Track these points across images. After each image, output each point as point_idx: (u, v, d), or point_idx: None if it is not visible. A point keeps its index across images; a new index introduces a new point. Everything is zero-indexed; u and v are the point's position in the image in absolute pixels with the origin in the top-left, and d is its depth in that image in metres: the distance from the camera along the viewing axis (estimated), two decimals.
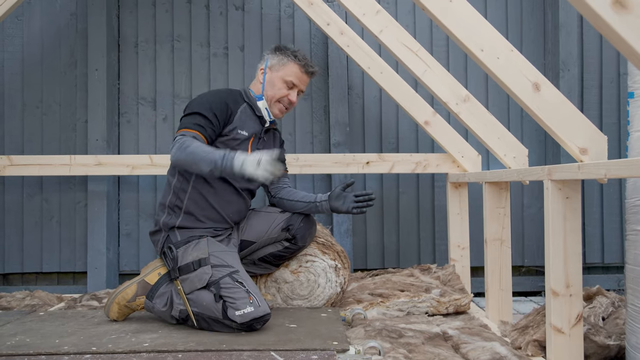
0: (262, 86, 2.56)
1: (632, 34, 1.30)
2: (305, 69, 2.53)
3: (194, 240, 2.39)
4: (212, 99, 2.43)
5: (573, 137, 1.96)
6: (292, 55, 2.53)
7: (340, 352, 2.00)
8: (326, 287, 2.75)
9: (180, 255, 2.36)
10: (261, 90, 2.56)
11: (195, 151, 2.20)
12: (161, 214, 2.50)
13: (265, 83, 2.55)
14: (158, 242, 2.49)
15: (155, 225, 2.52)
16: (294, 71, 2.53)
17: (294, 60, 2.52)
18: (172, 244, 2.40)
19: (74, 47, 4.01)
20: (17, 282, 4.01)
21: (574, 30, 3.91)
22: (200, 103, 2.40)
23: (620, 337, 2.27)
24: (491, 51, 2.10)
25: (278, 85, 2.53)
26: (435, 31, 4.05)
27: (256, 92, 2.59)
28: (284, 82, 2.52)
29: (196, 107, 2.38)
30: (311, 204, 2.63)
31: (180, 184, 2.48)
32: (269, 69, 2.55)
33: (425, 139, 4.01)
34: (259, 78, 2.58)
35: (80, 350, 2.00)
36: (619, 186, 3.96)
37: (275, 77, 2.54)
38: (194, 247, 2.37)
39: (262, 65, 2.59)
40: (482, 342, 2.14)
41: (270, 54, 2.58)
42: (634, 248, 2.04)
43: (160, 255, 2.48)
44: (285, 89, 2.53)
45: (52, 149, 3.96)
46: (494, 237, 2.76)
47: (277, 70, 2.54)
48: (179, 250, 2.37)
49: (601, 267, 4.03)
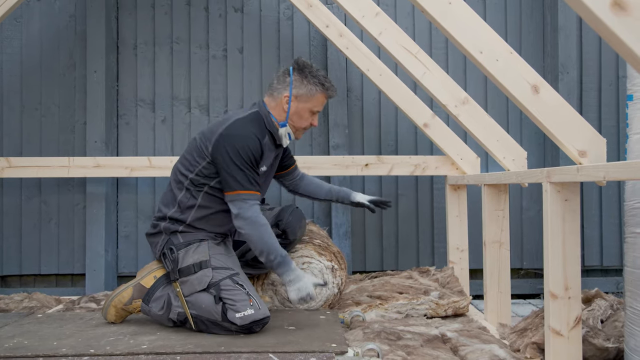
0: (286, 114, 2.43)
1: (631, 36, 1.30)
2: (331, 95, 2.47)
3: (195, 243, 2.39)
4: (252, 146, 2.32)
5: (572, 140, 1.96)
6: (321, 85, 2.39)
7: (338, 354, 1.99)
8: (323, 288, 2.75)
9: (181, 257, 2.35)
10: (285, 117, 2.44)
11: (268, 242, 2.27)
12: (162, 221, 2.46)
13: (290, 112, 2.42)
14: (157, 244, 2.47)
15: (154, 228, 2.49)
16: (321, 101, 2.44)
17: (323, 91, 2.41)
18: (173, 246, 2.39)
19: (73, 49, 4.01)
20: (15, 284, 4.01)
21: (573, 33, 3.91)
22: (245, 153, 2.30)
23: (619, 339, 2.26)
24: (490, 53, 2.10)
25: (305, 116, 2.44)
26: (435, 33, 4.05)
27: (278, 118, 2.45)
28: (312, 112, 2.45)
29: (243, 159, 2.30)
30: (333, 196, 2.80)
31: (187, 200, 2.42)
32: (295, 97, 2.40)
33: (424, 141, 4.01)
34: (283, 105, 2.42)
35: (78, 353, 1.99)
36: (618, 189, 3.96)
37: (302, 108, 2.42)
38: (195, 249, 2.36)
39: (286, 90, 2.41)
40: (481, 344, 2.13)
41: (297, 78, 2.40)
42: (633, 251, 2.04)
43: (159, 257, 2.47)
44: (311, 116, 2.46)
45: (50, 150, 3.96)
46: (492, 240, 2.75)
47: (305, 102, 2.41)
48: (180, 253, 2.36)
49: (600, 270, 4.03)
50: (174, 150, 4.02)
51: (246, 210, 2.28)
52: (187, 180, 2.40)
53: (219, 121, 2.46)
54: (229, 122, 2.38)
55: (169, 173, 3.58)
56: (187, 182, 2.40)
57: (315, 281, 2.32)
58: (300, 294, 2.27)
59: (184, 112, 4.05)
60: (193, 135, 2.56)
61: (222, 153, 2.30)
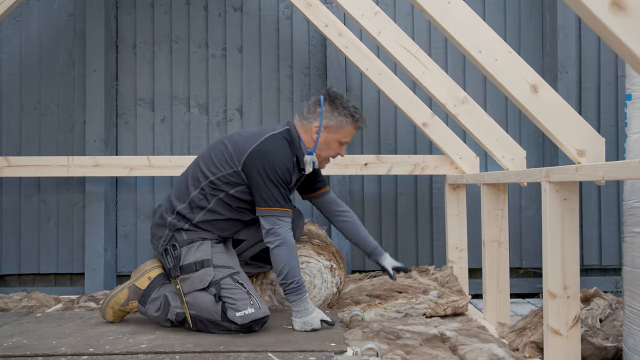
0: (314, 144, 2.43)
1: (630, 35, 1.30)
2: (360, 127, 2.46)
3: (197, 241, 2.39)
4: (287, 163, 2.34)
5: (571, 139, 1.96)
6: (351, 116, 2.39)
7: (337, 354, 1.99)
8: (322, 287, 2.76)
9: (183, 254, 2.35)
10: (313, 147, 2.44)
11: (292, 263, 2.28)
12: (169, 214, 2.46)
13: (319, 142, 2.43)
14: (160, 238, 2.46)
15: (161, 219, 2.48)
16: (350, 132, 2.44)
17: (353, 123, 2.40)
18: (176, 242, 2.39)
19: (72, 48, 4.00)
20: (14, 283, 4.00)
21: (572, 33, 3.92)
22: (281, 170, 2.31)
23: (618, 339, 2.27)
24: (489, 53, 2.10)
25: (333, 147, 2.44)
26: (434, 33, 4.05)
27: (307, 145, 2.44)
28: (340, 143, 2.45)
29: (279, 175, 2.31)
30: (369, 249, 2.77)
31: (198, 200, 2.42)
32: (324, 128, 2.40)
33: (424, 141, 4.01)
34: (313, 135, 2.42)
35: (77, 352, 1.99)
36: (617, 188, 3.97)
37: (331, 139, 2.42)
38: (197, 247, 2.37)
39: (316, 121, 2.40)
40: (480, 343, 2.14)
41: (327, 109, 2.39)
42: (632, 250, 2.04)
43: (160, 252, 2.47)
44: (339, 147, 2.46)
45: (49, 150, 3.96)
46: (491, 239, 2.76)
47: (335, 133, 2.41)
48: (182, 250, 2.36)
49: (599, 270, 4.04)
50: (173, 150, 4.02)
51: (280, 228, 2.30)
52: (207, 181, 2.39)
53: (252, 133, 2.44)
54: (264, 137, 2.37)
55: (168, 172, 3.60)
56: (206, 182, 2.39)
57: (324, 318, 2.31)
58: (305, 327, 2.28)
59: (183, 111, 4.05)
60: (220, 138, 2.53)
61: (257, 168, 2.30)
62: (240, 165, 2.33)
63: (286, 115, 4.05)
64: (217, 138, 3.96)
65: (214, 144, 2.51)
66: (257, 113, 4.06)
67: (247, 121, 4.05)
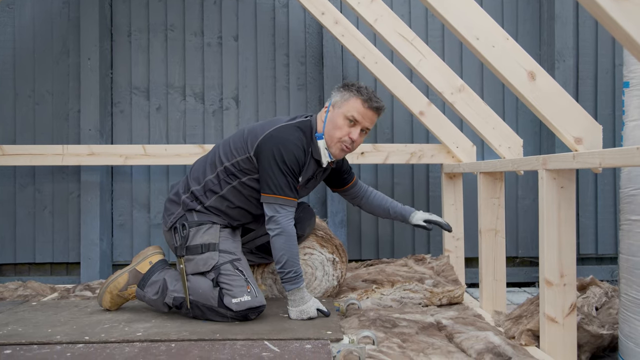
0: (323, 124, 2.39)
1: (629, 21, 1.29)
2: (368, 103, 2.32)
3: (206, 224, 2.39)
4: (297, 153, 2.30)
5: (568, 127, 1.95)
6: (356, 90, 2.34)
7: (334, 342, 2.00)
8: (323, 280, 2.76)
9: (191, 235, 2.36)
10: (322, 128, 2.40)
11: (291, 252, 2.27)
12: (184, 192, 2.47)
13: (326, 121, 2.39)
14: (172, 214, 2.47)
15: (176, 196, 2.48)
16: (355, 106, 2.32)
17: (357, 95, 2.32)
18: (186, 222, 2.39)
19: (66, 36, 3.97)
20: (9, 272, 3.99)
21: (570, 21, 3.90)
22: (290, 159, 2.28)
23: (613, 326, 2.28)
24: (486, 40, 2.09)
25: (339, 123, 2.34)
26: (431, 20, 4.03)
27: (318, 130, 2.42)
28: (346, 118, 2.33)
29: (287, 164, 2.28)
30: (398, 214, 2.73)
31: (213, 185, 2.41)
32: (332, 106, 2.38)
33: (420, 130, 4.00)
34: (322, 116, 2.42)
35: (72, 340, 1.99)
36: (614, 177, 3.97)
37: (336, 114, 2.35)
38: (205, 230, 2.37)
39: (327, 103, 2.42)
40: (476, 331, 2.14)
41: (338, 90, 2.41)
42: (628, 238, 2.04)
43: (169, 227, 2.47)
44: (347, 126, 2.34)
45: (44, 138, 3.93)
46: (488, 228, 2.75)
47: (340, 107, 2.35)
48: (191, 230, 2.37)
49: (595, 258, 4.05)
50: (168, 139, 4.00)
51: (282, 216, 2.29)
52: (222, 166, 2.40)
53: (270, 120, 2.44)
54: (279, 124, 2.37)
55: (163, 161, 3.59)
56: (221, 168, 2.40)
57: (320, 307, 2.32)
58: (301, 316, 2.29)
59: (178, 100, 4.02)
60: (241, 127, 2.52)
61: (266, 154, 2.29)
62: (253, 150, 2.33)
63: (282, 103, 4.03)
64: (213, 126, 3.99)
65: (237, 132, 2.51)
66: (253, 102, 4.04)
67: (243, 110, 4.03)
